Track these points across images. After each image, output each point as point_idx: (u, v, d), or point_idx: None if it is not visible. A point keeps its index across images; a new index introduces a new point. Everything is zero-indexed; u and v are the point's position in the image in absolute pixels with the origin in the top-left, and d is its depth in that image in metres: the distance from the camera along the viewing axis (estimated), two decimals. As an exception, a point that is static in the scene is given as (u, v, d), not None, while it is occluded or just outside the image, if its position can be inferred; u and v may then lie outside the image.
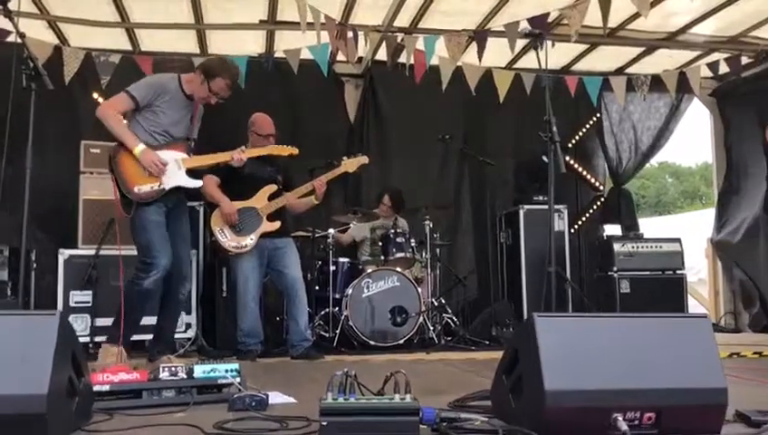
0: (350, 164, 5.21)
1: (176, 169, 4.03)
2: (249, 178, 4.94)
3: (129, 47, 6.36)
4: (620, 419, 2.01)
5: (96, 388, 2.50)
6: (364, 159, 5.30)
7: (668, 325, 2.22)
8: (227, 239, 4.79)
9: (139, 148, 3.91)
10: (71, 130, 6.07)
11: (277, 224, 4.90)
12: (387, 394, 2.14)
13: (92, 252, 5.15)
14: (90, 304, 5.08)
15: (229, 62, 4.32)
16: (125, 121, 4.07)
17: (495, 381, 2.41)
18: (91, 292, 5.09)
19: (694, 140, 9.13)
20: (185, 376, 2.67)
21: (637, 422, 2.05)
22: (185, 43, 6.39)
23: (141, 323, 4.13)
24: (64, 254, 5.17)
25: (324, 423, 1.98)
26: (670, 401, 2.06)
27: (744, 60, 6.64)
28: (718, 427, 2.11)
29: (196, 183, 4.18)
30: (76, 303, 5.10)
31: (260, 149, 4.66)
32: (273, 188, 4.97)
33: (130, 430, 2.20)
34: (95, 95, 6.04)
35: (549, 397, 1.99)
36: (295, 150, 4.68)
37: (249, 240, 4.80)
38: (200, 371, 2.69)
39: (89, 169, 5.42)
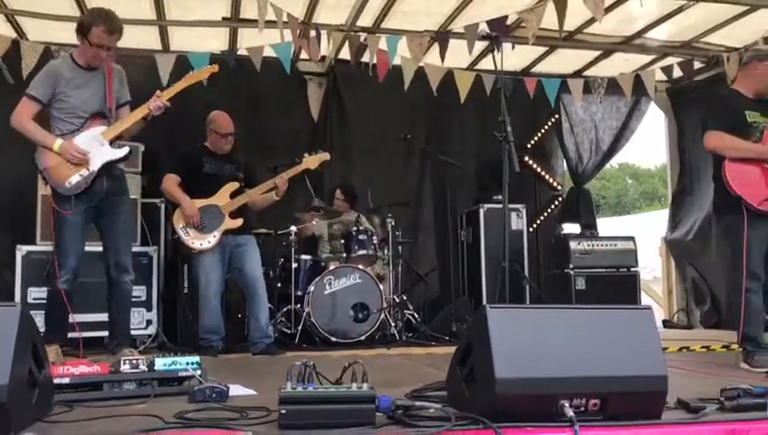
0: (311, 161, 5.26)
1: (98, 147, 3.94)
2: (211, 177, 4.97)
3: (89, 42, 6.31)
4: (567, 405, 2.09)
5: (56, 380, 2.51)
6: (325, 156, 5.36)
7: (613, 317, 2.33)
8: (190, 237, 4.80)
9: (56, 144, 3.86)
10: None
11: (239, 221, 4.92)
12: (344, 384, 2.20)
13: (51, 248, 5.09)
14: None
15: (103, 9, 4.08)
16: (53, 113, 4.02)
17: (450, 372, 2.49)
18: (48, 288, 5.03)
19: (653, 142, 9.40)
20: (146, 369, 2.70)
21: (583, 408, 2.14)
22: (147, 39, 6.35)
23: (96, 320, 4.19)
24: (22, 250, 5.12)
25: (283, 411, 2.04)
26: (614, 388, 2.16)
27: (697, 64, 6.86)
28: (659, 412, 2.22)
29: (122, 152, 4.04)
30: (34, 299, 5.05)
31: (179, 85, 4.26)
32: (235, 185, 4.99)
33: (91, 420, 2.22)
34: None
35: (499, 385, 2.07)
36: (215, 68, 4.44)
37: (212, 237, 4.82)
38: (161, 363, 2.73)
39: (48, 165, 5.36)
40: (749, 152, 3.83)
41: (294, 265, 5.81)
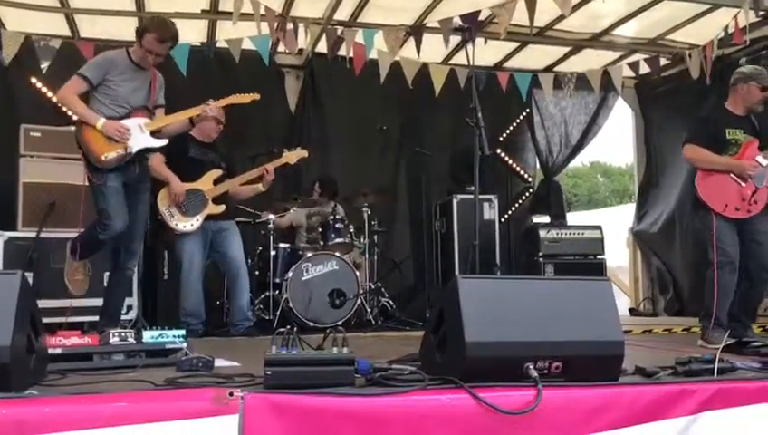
0: (290, 156, 5.43)
1: (139, 133, 4.20)
2: (195, 161, 5.10)
3: (68, 33, 6.35)
4: (532, 367, 2.26)
5: (48, 351, 2.62)
6: (304, 153, 5.55)
7: (575, 287, 2.51)
8: (174, 219, 4.91)
9: (100, 122, 4.08)
10: (8, 113, 6.04)
11: (222, 207, 5.04)
12: (326, 349, 2.35)
13: (33, 234, 5.18)
14: (31, 286, 5.08)
15: (161, 18, 4.40)
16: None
17: (424, 341, 2.65)
18: (31, 274, 5.09)
19: (624, 141, 9.69)
20: (134, 341, 2.82)
21: (546, 371, 2.30)
22: (126, 30, 6.37)
23: (81, 305, 4.41)
24: (4, 236, 5.17)
25: (269, 373, 2.18)
26: (575, 351, 2.34)
27: (663, 61, 7.11)
28: (616, 374, 2.41)
29: (160, 142, 4.32)
30: (16, 285, 5.11)
31: (226, 100, 4.69)
32: (218, 172, 5.11)
33: (84, 385, 2.35)
34: (33, 79, 6.06)
35: (469, 348, 2.23)
36: (257, 96, 4.82)
37: (195, 221, 4.93)
38: (149, 336, 2.85)
39: (29, 153, 5.43)
40: (717, 165, 4.21)
41: (273, 252, 5.93)
